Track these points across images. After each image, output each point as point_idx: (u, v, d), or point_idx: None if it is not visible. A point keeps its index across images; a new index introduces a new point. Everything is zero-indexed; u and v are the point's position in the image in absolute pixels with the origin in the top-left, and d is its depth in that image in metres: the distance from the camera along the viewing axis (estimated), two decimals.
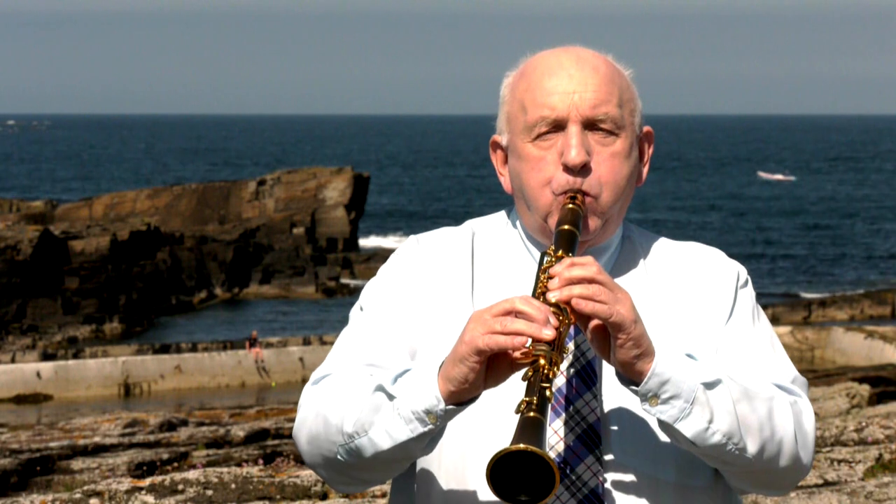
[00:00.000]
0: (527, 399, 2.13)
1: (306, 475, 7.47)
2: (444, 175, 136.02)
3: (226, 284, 53.63)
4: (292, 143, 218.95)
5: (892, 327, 36.21)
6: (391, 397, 2.27)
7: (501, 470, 2.09)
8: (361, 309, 2.53)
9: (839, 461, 8.44)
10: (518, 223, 2.55)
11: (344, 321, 2.57)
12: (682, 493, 2.40)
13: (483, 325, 2.20)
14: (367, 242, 69.11)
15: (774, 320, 38.71)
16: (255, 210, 61.87)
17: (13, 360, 36.32)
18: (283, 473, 7.53)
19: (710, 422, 2.25)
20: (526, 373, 2.18)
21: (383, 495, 7.20)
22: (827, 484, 7.80)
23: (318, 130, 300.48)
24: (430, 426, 2.25)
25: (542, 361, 2.16)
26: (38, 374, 34.76)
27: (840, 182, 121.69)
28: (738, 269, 2.54)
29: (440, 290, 2.48)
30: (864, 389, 16.42)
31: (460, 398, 2.24)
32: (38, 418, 29.28)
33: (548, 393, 2.13)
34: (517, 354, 2.19)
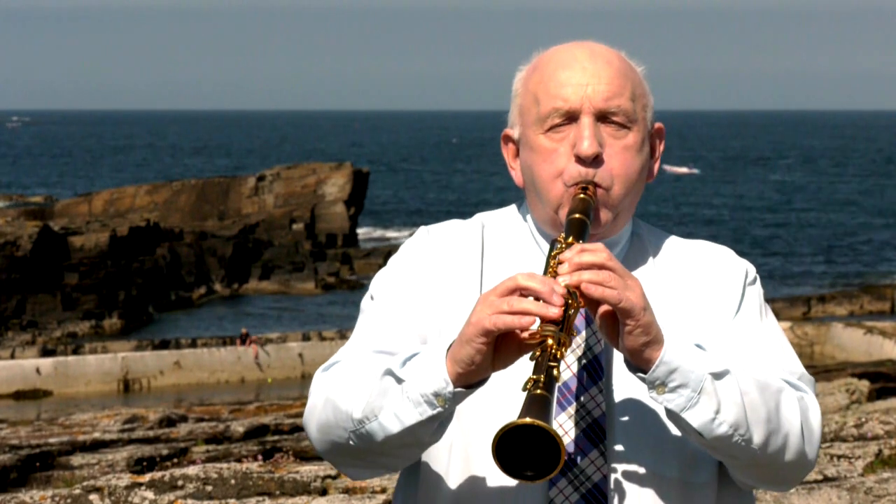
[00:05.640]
0: (534, 377, 2.12)
1: (306, 471, 7.47)
2: (443, 171, 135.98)
3: (225, 280, 53.63)
4: (291, 138, 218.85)
5: (892, 323, 36.21)
6: (400, 381, 2.26)
7: (507, 445, 2.08)
8: (372, 298, 2.53)
9: (839, 457, 8.45)
10: (529, 216, 2.55)
11: (344, 316, 2.56)
12: (685, 488, 2.39)
13: (490, 306, 2.19)
14: (367, 241, 69.04)
15: (773, 316, 38.68)
16: (254, 206, 61.87)
17: (13, 356, 36.32)
18: (282, 469, 7.53)
19: (717, 412, 2.25)
20: (533, 353, 2.17)
21: (382, 491, 7.20)
22: (826, 480, 7.80)
23: (317, 126, 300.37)
24: (439, 409, 2.23)
25: (549, 342, 2.15)
26: (38, 370, 34.77)
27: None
28: (746, 267, 2.54)
29: (449, 280, 2.48)
30: (864, 385, 16.43)
31: (469, 380, 2.23)
32: (38, 414, 29.28)
33: (555, 372, 2.12)
34: (525, 335, 2.19)
